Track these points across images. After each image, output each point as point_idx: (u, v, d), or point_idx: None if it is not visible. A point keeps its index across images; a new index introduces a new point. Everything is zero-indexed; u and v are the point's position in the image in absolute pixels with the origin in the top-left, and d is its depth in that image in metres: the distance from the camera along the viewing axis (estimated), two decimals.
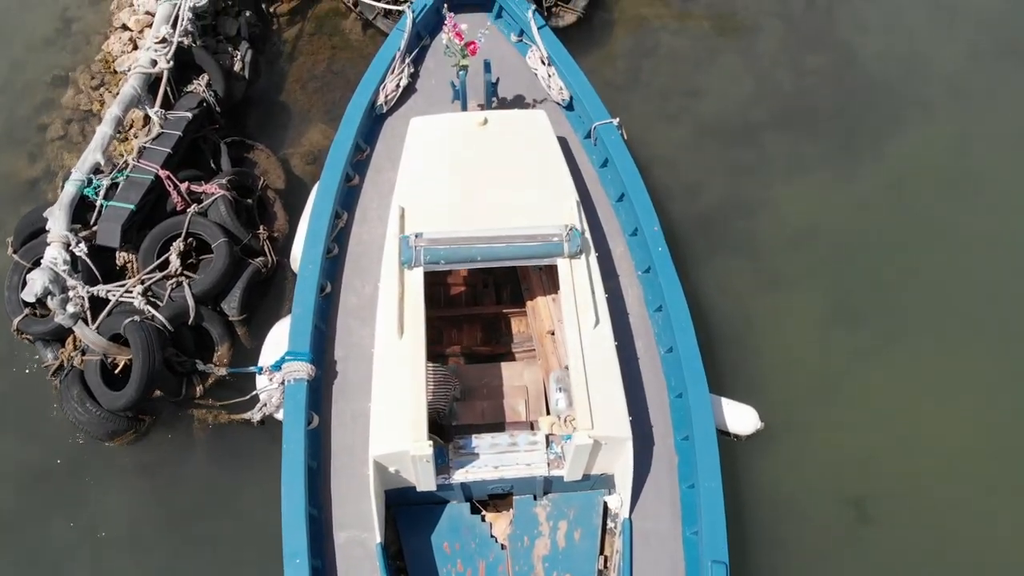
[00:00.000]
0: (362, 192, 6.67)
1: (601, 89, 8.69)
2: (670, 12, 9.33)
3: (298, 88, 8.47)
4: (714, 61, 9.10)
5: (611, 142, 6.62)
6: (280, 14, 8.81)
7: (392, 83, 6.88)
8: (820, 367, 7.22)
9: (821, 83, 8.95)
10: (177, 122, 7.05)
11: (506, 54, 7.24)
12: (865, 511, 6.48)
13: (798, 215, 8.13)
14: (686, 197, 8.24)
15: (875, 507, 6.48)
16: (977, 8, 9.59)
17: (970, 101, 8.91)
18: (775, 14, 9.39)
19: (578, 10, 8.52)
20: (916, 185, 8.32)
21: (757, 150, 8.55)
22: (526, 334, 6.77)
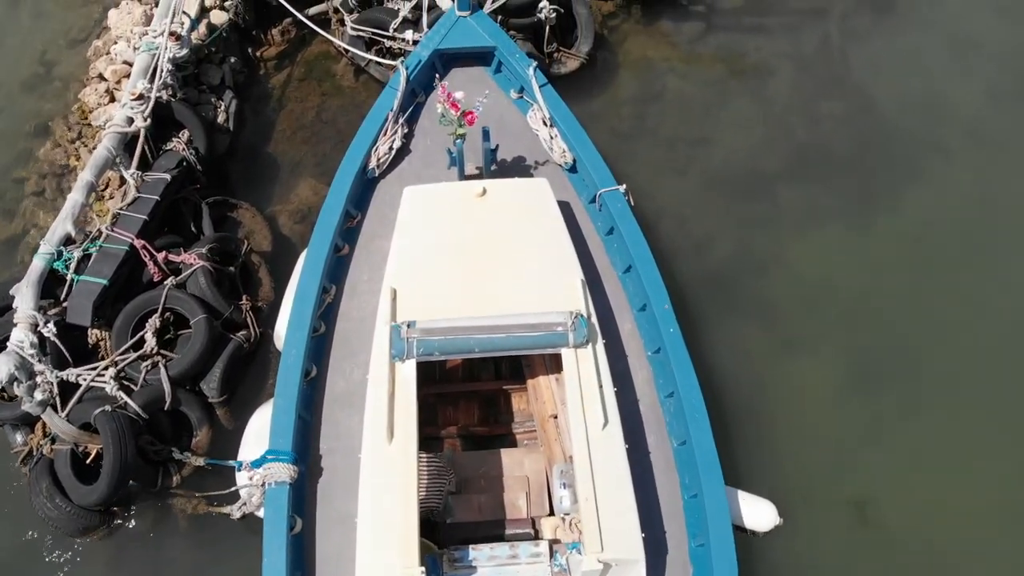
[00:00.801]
0: (352, 263, 6.24)
1: (605, 138, 8.38)
2: (677, 54, 8.91)
3: (286, 139, 8.03)
4: (724, 106, 8.67)
5: (617, 210, 6.20)
6: (267, 59, 8.38)
7: (385, 145, 6.45)
8: (838, 438, 6.80)
9: (835, 129, 8.53)
10: (155, 185, 6.62)
11: (505, 112, 6.81)
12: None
13: (812, 272, 7.70)
14: (695, 254, 7.82)
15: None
16: (996, 46, 9.18)
17: (990, 145, 8.50)
18: (787, 55, 8.97)
19: (581, 56, 8.10)
20: (935, 237, 7.90)
21: (769, 202, 8.12)
22: (527, 412, 6.34)
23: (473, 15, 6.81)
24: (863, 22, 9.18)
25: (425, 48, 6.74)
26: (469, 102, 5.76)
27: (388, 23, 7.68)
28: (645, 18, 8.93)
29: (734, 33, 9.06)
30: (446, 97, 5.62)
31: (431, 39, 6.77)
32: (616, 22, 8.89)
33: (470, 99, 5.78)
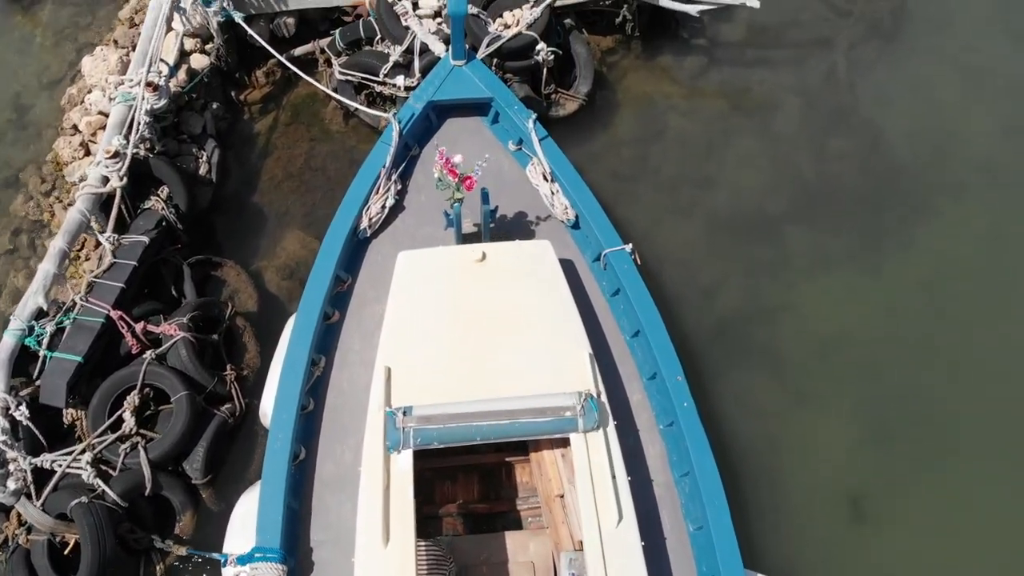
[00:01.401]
0: (343, 331, 5.87)
1: (606, 180, 8.06)
2: (678, 90, 8.56)
3: (273, 188, 7.65)
4: (728, 145, 8.33)
5: (623, 271, 5.86)
6: (251, 102, 7.99)
7: (377, 204, 6.09)
8: (856, 498, 6.52)
9: (844, 167, 8.21)
10: (132, 249, 6.23)
11: (504, 165, 6.46)
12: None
13: (823, 320, 7.39)
14: (701, 302, 7.49)
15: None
16: (1008, 75, 8.88)
17: (1004, 182, 8.20)
18: (792, 90, 8.63)
19: (580, 97, 7.75)
20: (949, 281, 7.61)
21: (777, 246, 7.79)
22: (530, 486, 5.99)
23: (468, 64, 6.46)
24: (870, 52, 8.87)
25: (418, 100, 6.38)
26: (467, 165, 5.40)
27: (378, 68, 7.32)
28: (645, 53, 8.59)
29: (737, 66, 8.73)
30: (444, 163, 5.26)
31: (425, 90, 6.41)
32: (615, 58, 8.54)
33: (468, 162, 5.42)
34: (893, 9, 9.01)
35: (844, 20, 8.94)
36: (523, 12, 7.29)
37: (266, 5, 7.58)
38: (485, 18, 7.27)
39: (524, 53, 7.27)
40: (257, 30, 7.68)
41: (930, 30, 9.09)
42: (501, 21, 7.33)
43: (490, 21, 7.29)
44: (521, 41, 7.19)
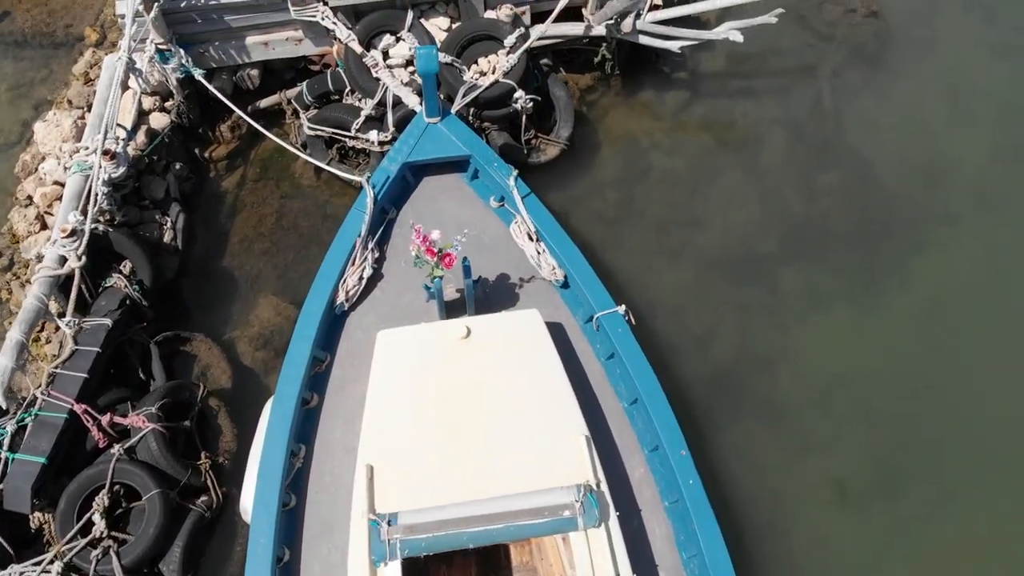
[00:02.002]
0: (323, 416, 5.54)
1: (591, 223, 7.77)
2: (661, 127, 8.28)
3: (243, 250, 7.27)
4: (714, 182, 8.06)
5: (618, 335, 5.57)
6: (217, 159, 7.62)
7: (354, 276, 5.76)
8: (865, 551, 6.27)
9: (834, 201, 7.97)
10: (94, 333, 5.85)
11: (486, 223, 6.15)
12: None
13: (821, 364, 7.15)
14: (695, 350, 7.22)
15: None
16: (994, 94, 8.68)
17: (997, 208, 7.99)
18: (778, 121, 8.38)
19: (561, 142, 7.44)
20: (948, 315, 7.37)
21: (770, 287, 7.53)
22: (531, 566, 5.68)
23: (444, 120, 6.13)
24: (855, 77, 8.63)
25: (393, 161, 6.06)
26: (446, 240, 5.09)
27: (349, 122, 6.97)
28: (625, 90, 8.30)
29: (720, 99, 8.46)
30: (421, 241, 4.94)
31: (399, 151, 6.08)
32: (595, 96, 8.25)
33: (447, 235, 5.12)
34: (877, 32, 8.78)
35: (827, 45, 8.69)
36: (499, 59, 6.97)
37: (228, 58, 7.21)
38: (459, 66, 6.94)
39: (502, 102, 6.95)
40: (219, 84, 7.32)
41: (914, 51, 8.88)
42: (476, 69, 7.01)
43: (464, 69, 6.97)
44: (498, 90, 6.87)
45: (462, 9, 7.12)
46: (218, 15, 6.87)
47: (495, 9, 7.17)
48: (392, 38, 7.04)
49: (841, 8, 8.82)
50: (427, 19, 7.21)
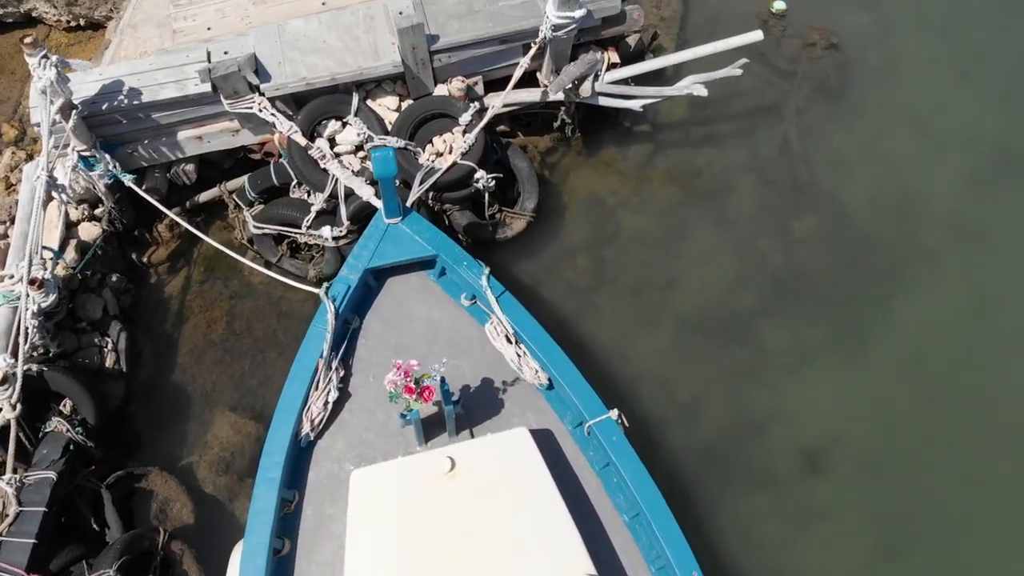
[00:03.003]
0: (296, 565, 5.03)
1: (563, 293, 7.38)
2: (626, 183, 7.91)
3: (194, 363, 6.71)
4: (685, 238, 7.73)
5: (613, 443, 5.19)
6: (157, 263, 7.03)
7: (318, 403, 5.25)
8: None
9: (811, 250, 7.70)
10: (39, 489, 5.30)
11: (459, 323, 5.71)
12: None
13: (814, 422, 6.91)
14: (684, 422, 6.90)
15: None
16: (960, 119, 8.49)
17: (973, 237, 7.83)
18: (745, 167, 8.07)
19: (527, 214, 7.03)
20: (937, 355, 7.17)
21: (753, 345, 7.23)
22: None
23: (405, 219, 5.66)
24: (819, 114, 8.37)
25: (353, 269, 5.57)
26: (423, 368, 4.63)
27: (298, 219, 6.44)
28: (587, 148, 7.91)
29: (684, 149, 8.13)
30: (402, 375, 4.48)
31: (359, 256, 5.60)
32: (556, 158, 7.84)
33: (425, 363, 4.66)
34: (838, 63, 8.54)
35: (789, 83, 8.41)
36: (455, 137, 6.52)
37: (160, 155, 6.64)
38: (413, 149, 6.48)
39: (462, 183, 6.50)
40: (152, 183, 6.76)
41: (876, 80, 8.66)
42: (432, 150, 6.55)
43: (419, 152, 6.50)
44: (458, 172, 6.43)
45: (411, 86, 6.64)
46: (144, 114, 6.30)
47: (445, 83, 6.71)
48: (338, 123, 6.54)
49: (799, 42, 8.54)
50: (374, 100, 6.73)
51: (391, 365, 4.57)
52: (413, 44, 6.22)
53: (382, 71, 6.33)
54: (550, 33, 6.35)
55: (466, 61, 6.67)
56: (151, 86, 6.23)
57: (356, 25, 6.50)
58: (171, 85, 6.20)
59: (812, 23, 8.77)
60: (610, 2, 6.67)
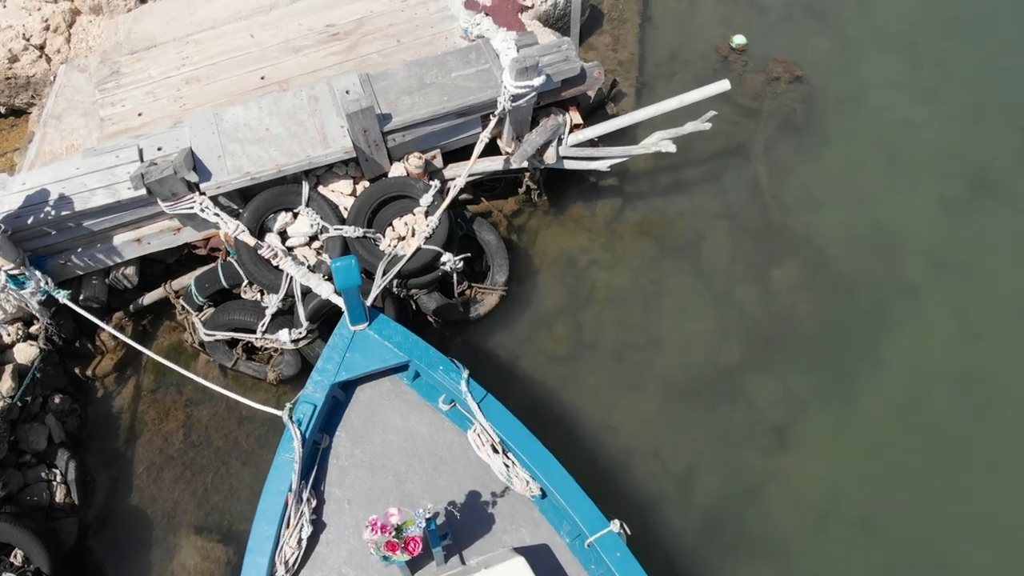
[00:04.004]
0: None
1: (541, 364, 7.03)
2: (597, 240, 7.56)
3: (152, 482, 6.21)
4: (662, 293, 7.41)
5: (616, 560, 4.84)
6: (103, 374, 6.51)
7: (291, 541, 4.82)
8: None
9: (789, 294, 7.44)
10: None
11: (439, 431, 5.29)
12: None
13: (811, 481, 6.66)
14: (679, 493, 6.61)
15: None
16: (929, 147, 8.30)
17: (954, 268, 7.64)
18: (716, 214, 7.78)
19: (499, 288, 6.64)
20: (929, 395, 6.96)
21: (743, 403, 6.96)
22: None
23: (372, 324, 5.22)
24: (787, 151, 8.11)
25: (319, 387, 5.12)
26: (405, 514, 4.22)
27: (252, 324, 5.96)
28: (554, 207, 7.53)
29: (653, 199, 7.81)
30: (380, 531, 4.05)
31: (324, 371, 5.15)
32: (522, 219, 7.46)
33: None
34: (803, 96, 8.28)
35: (754, 120, 8.13)
36: (417, 219, 6.09)
37: (96, 262, 6.11)
38: (373, 236, 6.03)
39: (428, 268, 6.07)
40: (91, 291, 6.23)
41: (842, 110, 8.44)
42: (393, 235, 6.12)
43: (380, 238, 6.06)
44: (422, 258, 6.01)
45: (365, 168, 6.20)
46: (75, 223, 5.77)
47: (402, 160, 6.28)
48: (289, 215, 6.06)
49: (763, 76, 8.27)
50: (326, 185, 6.27)
51: (365, 523, 4.14)
52: (364, 127, 5.77)
53: (332, 158, 5.87)
54: (509, 104, 5.96)
55: (422, 137, 6.25)
56: (80, 193, 5.70)
57: (300, 109, 6.03)
58: (101, 191, 5.67)
59: (774, 54, 8.49)
60: (569, 64, 6.28)
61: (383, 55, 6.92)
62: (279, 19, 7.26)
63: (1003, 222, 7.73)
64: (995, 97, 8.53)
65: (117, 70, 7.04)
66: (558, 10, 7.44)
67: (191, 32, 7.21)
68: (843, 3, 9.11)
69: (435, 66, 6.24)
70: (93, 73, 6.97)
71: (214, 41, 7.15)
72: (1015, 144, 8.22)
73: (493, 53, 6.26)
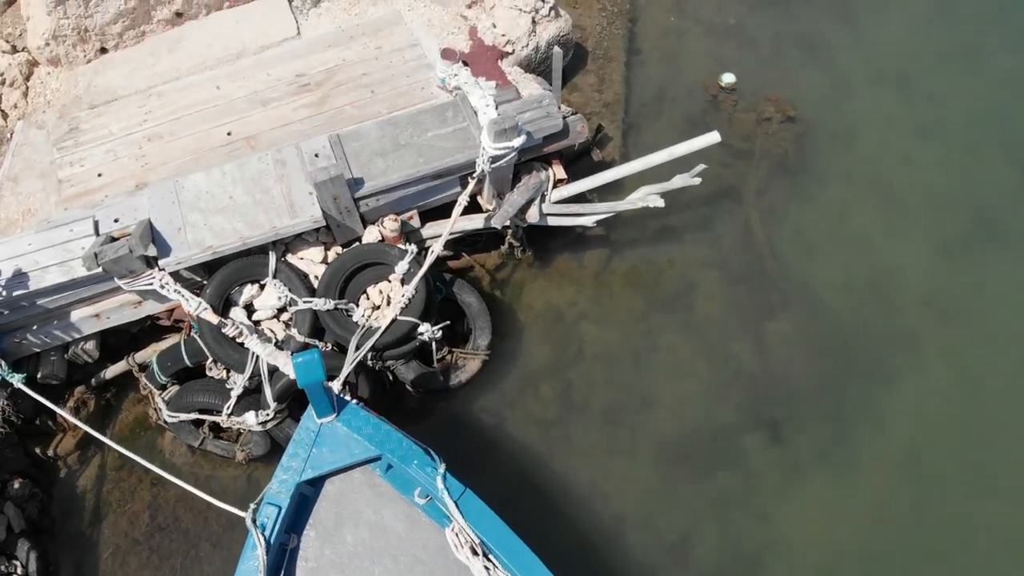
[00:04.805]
0: None
1: (529, 429, 6.74)
2: (584, 293, 7.25)
3: (117, 568, 5.92)
4: (654, 349, 7.11)
5: None
6: (65, 452, 6.19)
7: None
8: None
9: (786, 347, 7.16)
10: None
11: (415, 528, 4.96)
12: None
13: (812, 546, 6.42)
14: (673, 563, 6.39)
15: None
16: (925, 186, 8.00)
17: (954, 315, 7.36)
18: (707, 263, 7.47)
19: (481, 352, 6.32)
20: (931, 450, 6.69)
21: (740, 466, 6.68)
22: None
23: (341, 415, 4.89)
24: (780, 193, 7.80)
25: (284, 485, 4.79)
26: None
27: (217, 405, 5.62)
28: (539, 259, 7.21)
29: (641, 248, 7.50)
30: None
31: (289, 469, 4.82)
32: (505, 273, 7.13)
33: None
34: (796, 136, 7.97)
35: (746, 162, 7.81)
36: (392, 286, 5.76)
37: (53, 339, 5.78)
38: (345, 307, 5.69)
39: (405, 339, 5.74)
40: (49, 368, 5.89)
41: (836, 149, 8.13)
42: (367, 304, 5.79)
43: (353, 308, 5.72)
44: (398, 330, 5.67)
45: (336, 234, 5.86)
46: (29, 302, 5.44)
47: (376, 224, 5.94)
48: (255, 287, 5.72)
49: (754, 116, 7.95)
50: (295, 252, 5.93)
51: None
52: (334, 195, 5.44)
53: (300, 227, 5.54)
54: (488, 167, 5.62)
55: (397, 200, 5.92)
56: (34, 271, 5.36)
57: (265, 174, 5.69)
58: (55, 268, 5.33)
59: (764, 91, 8.17)
60: (551, 120, 5.95)
61: (357, 107, 6.57)
62: (246, 68, 6.91)
63: (1003, 266, 7.46)
64: (992, 132, 8.24)
65: (76, 126, 6.69)
66: (540, 54, 7.11)
67: (154, 84, 6.86)
68: (835, 34, 8.79)
69: (410, 125, 5.91)
70: (51, 130, 6.62)
71: (178, 93, 6.80)
72: (1013, 181, 7.92)
73: (471, 110, 5.92)
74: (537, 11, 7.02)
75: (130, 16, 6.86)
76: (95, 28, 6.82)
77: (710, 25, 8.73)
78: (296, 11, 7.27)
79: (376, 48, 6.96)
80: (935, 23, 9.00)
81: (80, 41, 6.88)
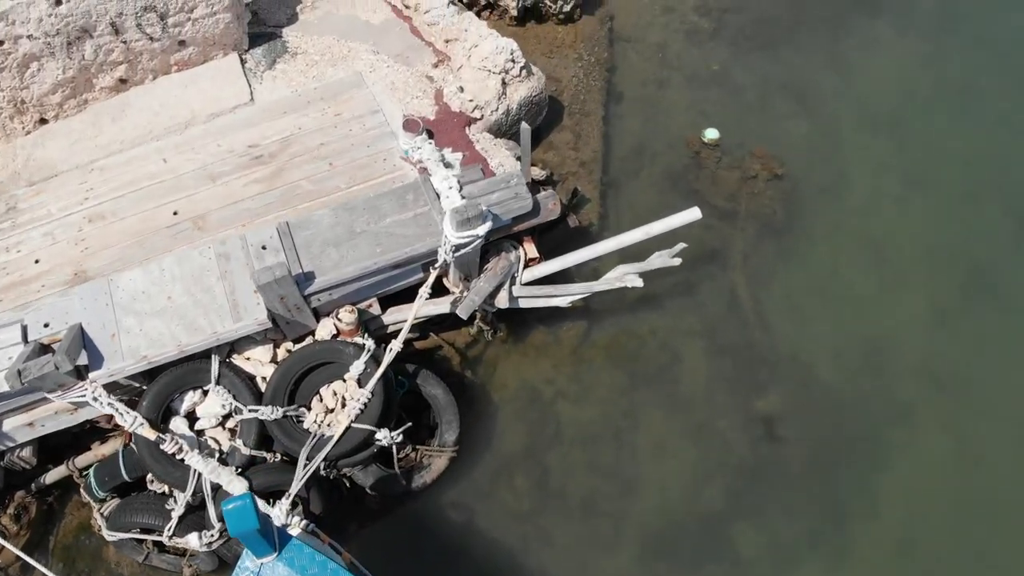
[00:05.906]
0: None
1: (505, 523, 6.31)
2: (562, 369, 6.83)
3: None
4: (636, 428, 6.71)
5: None
6: (6, 564, 5.75)
7: None
8: None
9: (775, 424, 6.79)
10: None
11: None
12: None
13: None
14: None
15: None
16: (918, 244, 7.59)
17: (952, 385, 7.01)
18: (691, 333, 7.07)
19: (448, 449, 5.89)
20: (928, 533, 6.34)
21: (729, 556, 6.36)
22: None
23: (282, 552, 4.44)
24: (767, 256, 7.38)
25: None
26: None
27: (159, 525, 5.17)
28: (513, 334, 6.79)
29: (621, 318, 7.07)
30: None
31: None
32: (477, 350, 6.70)
33: None
34: (782, 193, 7.55)
35: (731, 223, 7.39)
36: (348, 386, 5.32)
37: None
38: (295, 413, 5.25)
39: (361, 447, 5.30)
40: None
41: (825, 204, 7.71)
42: (321, 406, 5.34)
43: (304, 412, 5.28)
44: (354, 439, 5.23)
45: (286, 331, 5.41)
46: None
47: (331, 316, 5.49)
48: (197, 393, 5.27)
49: (738, 174, 7.52)
50: (241, 352, 5.48)
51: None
52: (281, 295, 4.98)
53: (244, 331, 5.10)
54: (451, 256, 5.18)
55: (354, 292, 5.47)
56: None
57: (207, 270, 5.24)
58: None
59: (749, 145, 7.75)
60: (520, 201, 5.52)
61: (313, 182, 6.13)
62: (195, 139, 6.46)
63: (1001, 328, 7.07)
64: (987, 180, 7.85)
65: (14, 206, 6.24)
66: (510, 118, 6.67)
67: (96, 157, 6.41)
68: (822, 81, 8.37)
69: (366, 210, 5.46)
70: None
71: (121, 168, 6.36)
72: (1010, 232, 7.51)
73: (433, 193, 5.48)
74: (507, 71, 6.58)
75: (69, 85, 6.39)
76: (32, 99, 6.36)
77: (692, 72, 8.30)
78: (249, 73, 6.81)
79: (335, 115, 6.52)
80: (928, 64, 8.59)
81: (17, 113, 6.43)
